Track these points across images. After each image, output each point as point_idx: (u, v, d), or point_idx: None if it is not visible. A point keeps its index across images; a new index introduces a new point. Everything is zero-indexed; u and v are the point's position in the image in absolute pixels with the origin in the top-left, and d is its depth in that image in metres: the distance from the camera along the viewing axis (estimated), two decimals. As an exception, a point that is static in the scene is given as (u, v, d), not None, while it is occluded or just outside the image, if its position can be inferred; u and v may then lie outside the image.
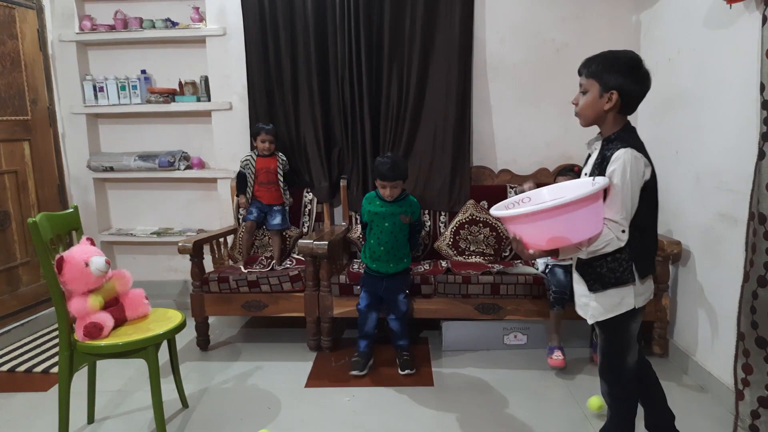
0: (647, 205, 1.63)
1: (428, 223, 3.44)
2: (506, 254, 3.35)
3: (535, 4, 3.37)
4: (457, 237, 3.31)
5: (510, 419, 2.34)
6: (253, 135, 3.37)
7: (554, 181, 2.95)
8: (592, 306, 1.72)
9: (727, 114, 2.37)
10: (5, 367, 2.93)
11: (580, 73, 1.68)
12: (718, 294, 2.47)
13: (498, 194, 3.36)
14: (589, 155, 1.78)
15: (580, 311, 1.80)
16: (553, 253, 1.60)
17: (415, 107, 3.38)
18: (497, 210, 1.63)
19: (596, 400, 2.34)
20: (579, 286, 1.77)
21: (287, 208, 3.40)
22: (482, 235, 3.29)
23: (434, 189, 3.42)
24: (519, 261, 3.25)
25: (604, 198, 1.58)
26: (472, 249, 3.30)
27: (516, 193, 3.19)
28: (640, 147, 1.60)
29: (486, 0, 3.37)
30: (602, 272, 1.65)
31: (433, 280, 2.93)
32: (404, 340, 2.87)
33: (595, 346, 2.80)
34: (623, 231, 1.57)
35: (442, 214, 3.44)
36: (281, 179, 3.33)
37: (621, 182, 1.55)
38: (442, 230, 3.41)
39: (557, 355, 2.76)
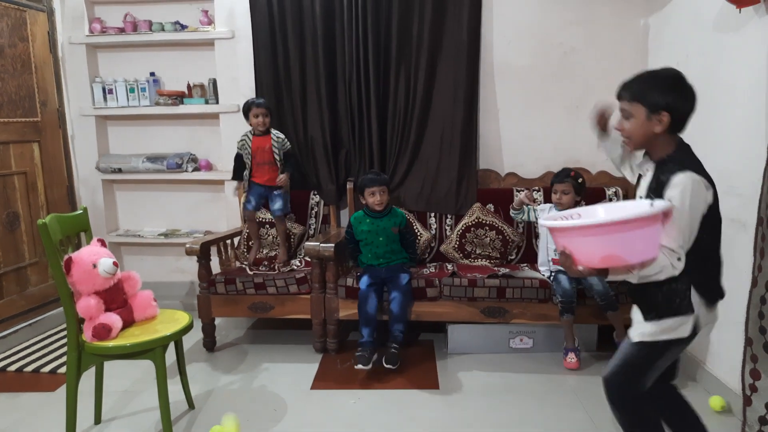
0: (711, 228, 1.52)
1: (434, 226, 3.44)
2: (512, 257, 3.34)
3: (542, 7, 3.37)
4: (464, 240, 3.31)
5: (516, 423, 2.34)
6: (245, 113, 3.17)
7: (551, 187, 2.94)
8: (641, 328, 1.61)
9: (735, 118, 2.36)
10: (13, 367, 2.95)
11: (620, 97, 1.59)
12: (726, 299, 2.44)
13: (505, 197, 3.36)
14: (640, 176, 1.69)
15: (632, 329, 1.68)
16: (603, 272, 1.49)
17: (422, 110, 3.39)
18: (548, 222, 1.54)
19: (717, 400, 2.35)
20: (636, 313, 1.67)
21: (287, 190, 3.27)
22: (488, 239, 3.29)
23: (441, 192, 3.42)
24: (525, 265, 3.25)
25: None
26: (478, 252, 3.29)
27: (514, 207, 3.15)
28: (699, 168, 1.50)
29: (494, 3, 3.38)
30: (657, 301, 1.55)
31: (439, 283, 2.92)
32: (400, 325, 2.81)
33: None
34: (678, 259, 1.46)
35: (449, 217, 3.44)
36: (277, 158, 3.19)
37: (680, 209, 1.45)
38: (448, 233, 3.41)
39: (571, 358, 2.78)
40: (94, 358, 2.13)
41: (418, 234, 3.35)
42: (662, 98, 1.51)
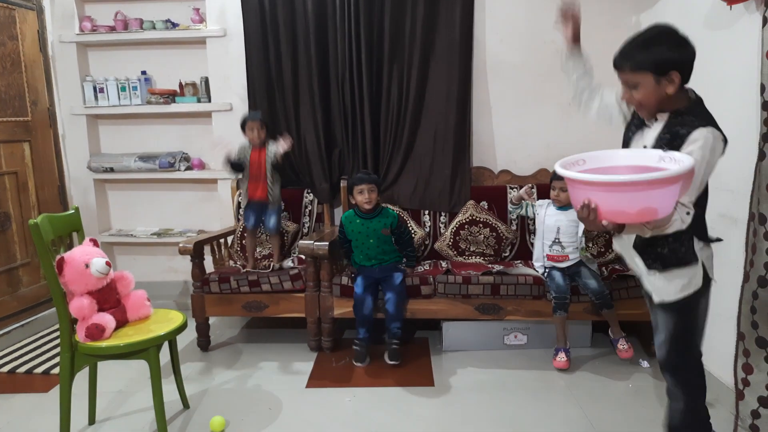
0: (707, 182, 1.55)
1: (428, 224, 3.44)
2: (506, 254, 3.35)
3: (534, 5, 3.37)
4: (458, 237, 3.32)
5: (510, 419, 2.35)
6: (242, 127, 3.12)
7: (550, 184, 2.94)
8: (658, 286, 1.62)
9: (727, 115, 2.36)
10: (6, 368, 2.93)
11: (618, 67, 1.55)
12: (718, 294, 2.44)
13: (498, 195, 3.37)
14: (643, 127, 1.65)
15: (647, 285, 1.69)
16: (620, 227, 1.48)
17: (415, 108, 3.39)
18: (584, 175, 1.44)
19: None
20: (640, 266, 1.67)
21: (281, 206, 3.26)
22: (482, 236, 3.29)
23: (435, 190, 3.42)
24: (519, 261, 3.26)
25: None
26: (472, 249, 3.30)
27: (512, 201, 3.16)
28: (715, 122, 1.49)
29: (486, 1, 3.38)
30: (663, 252, 1.57)
31: (433, 281, 2.93)
32: (398, 323, 2.86)
33: (616, 341, 2.80)
34: (688, 213, 1.46)
35: (443, 214, 3.44)
36: (269, 174, 3.11)
37: (699, 164, 1.43)
38: (442, 231, 3.42)
39: (561, 357, 2.78)
40: (88, 359, 2.11)
41: (413, 232, 3.35)
42: (670, 57, 1.47)
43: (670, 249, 1.55)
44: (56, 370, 2.84)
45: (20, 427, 2.38)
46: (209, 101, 3.67)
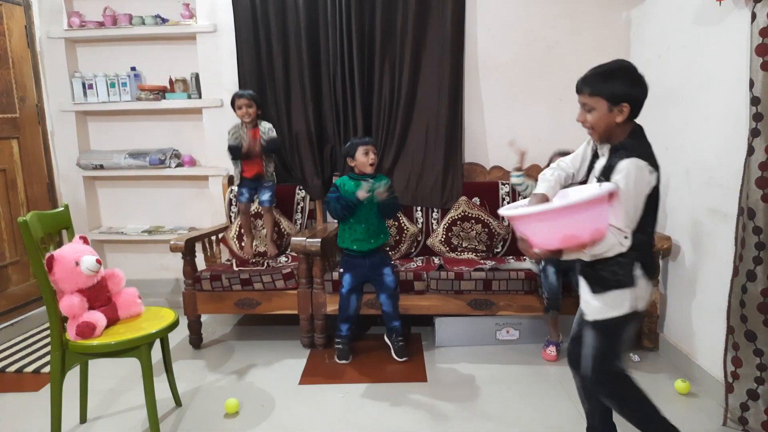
0: (652, 209, 1.65)
1: (421, 220, 3.45)
2: (498, 250, 3.36)
3: (526, 1, 3.37)
4: (450, 233, 3.32)
5: (503, 414, 2.36)
6: (232, 105, 3.10)
7: (550, 161, 2.91)
8: (592, 304, 1.74)
9: (716, 110, 2.39)
10: (-5, 368, 2.91)
11: (579, 90, 1.69)
12: (707, 288, 2.50)
13: (490, 190, 3.38)
14: (599, 158, 1.77)
15: (582, 307, 1.82)
16: (557, 253, 1.64)
17: (407, 104, 3.39)
18: (507, 210, 1.66)
19: (680, 383, 2.45)
20: (583, 288, 1.80)
21: (275, 182, 3.26)
22: (474, 232, 3.30)
23: (427, 186, 3.42)
24: (511, 257, 3.27)
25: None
26: (464, 245, 3.31)
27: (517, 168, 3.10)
28: (645, 153, 1.62)
29: (477, -3, 3.38)
30: (604, 275, 1.68)
31: (426, 277, 2.93)
32: (397, 321, 2.89)
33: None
34: (626, 237, 1.60)
35: (435, 210, 3.45)
36: (264, 152, 3.14)
37: (625, 192, 1.57)
38: (434, 227, 3.42)
39: (551, 350, 2.83)
40: (79, 357, 2.10)
41: (405, 228, 3.35)
42: (623, 90, 1.62)
43: (610, 271, 1.67)
44: (47, 369, 2.82)
45: (11, 426, 2.36)
46: (200, 97, 3.65)
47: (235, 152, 3.08)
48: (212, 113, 3.63)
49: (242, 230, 3.30)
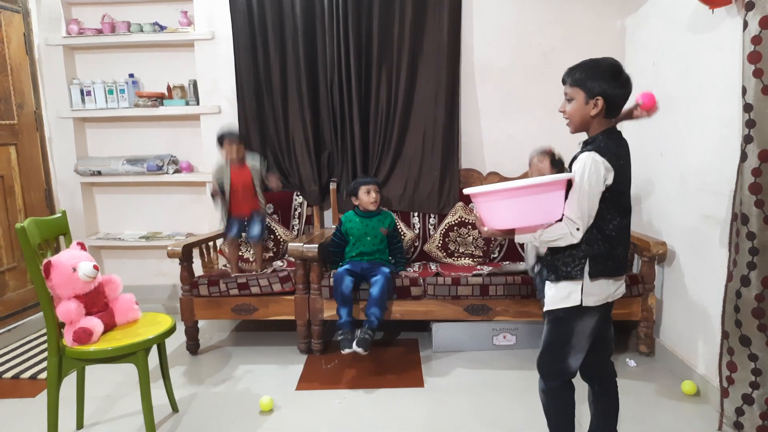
0: (614, 211, 1.65)
1: (418, 226, 3.46)
2: (495, 255, 3.38)
3: (521, 9, 3.40)
4: (447, 239, 3.33)
5: (500, 420, 2.36)
6: (219, 142, 3.12)
7: (529, 164, 2.91)
8: (548, 294, 1.77)
9: (710, 116, 2.41)
10: (-8, 374, 2.90)
11: (564, 81, 1.72)
12: (702, 293, 2.51)
13: (486, 196, 3.39)
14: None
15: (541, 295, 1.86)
16: (509, 233, 1.70)
17: (404, 111, 3.41)
18: (471, 189, 1.69)
19: (689, 384, 2.47)
20: (543, 273, 1.85)
21: (265, 215, 3.28)
22: (471, 237, 3.31)
23: (424, 192, 3.44)
24: (507, 263, 3.28)
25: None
26: (461, 251, 3.32)
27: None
28: (607, 151, 1.62)
29: (473, 4, 3.41)
30: (557, 264, 1.71)
31: (423, 282, 2.94)
32: (377, 310, 2.78)
33: None
34: (577, 229, 1.61)
35: (432, 216, 3.46)
36: (258, 190, 3.19)
37: (579, 183, 1.60)
38: (431, 232, 3.43)
39: None
40: (76, 363, 2.10)
41: (402, 233, 3.36)
42: (600, 85, 1.64)
43: (563, 262, 1.70)
44: (43, 375, 2.81)
45: (7, 432, 2.36)
46: (197, 104, 3.66)
47: (216, 198, 3.15)
48: (210, 120, 3.64)
49: (229, 264, 3.24)
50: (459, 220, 3.33)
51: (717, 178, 2.34)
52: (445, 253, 3.34)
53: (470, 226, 3.32)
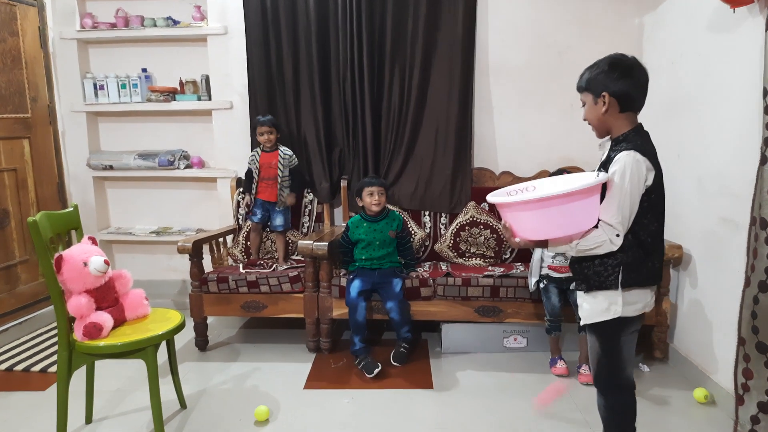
0: (651, 215, 1.57)
1: (429, 225, 3.43)
2: (506, 257, 3.34)
3: (537, 7, 3.36)
4: (458, 239, 3.31)
5: (509, 422, 2.34)
6: (253, 129, 3.33)
7: None
8: (584, 307, 1.70)
9: (729, 118, 2.37)
10: (3, 366, 2.92)
11: (579, 90, 1.69)
12: (718, 298, 2.47)
13: (499, 196, 3.36)
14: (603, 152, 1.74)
15: (579, 311, 1.77)
16: (542, 243, 1.60)
17: (416, 108, 3.38)
18: (494, 196, 1.62)
19: (701, 391, 2.43)
20: (579, 296, 1.75)
21: (288, 207, 3.33)
22: (483, 237, 3.28)
23: (435, 190, 3.41)
24: (519, 264, 3.24)
25: (602, 197, 1.55)
26: (472, 251, 3.29)
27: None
28: (646, 150, 1.54)
29: (489, 1, 3.37)
30: (588, 273, 1.63)
31: (433, 283, 2.92)
32: (407, 327, 2.86)
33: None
34: (617, 235, 1.52)
35: (443, 215, 3.43)
36: (280, 175, 3.21)
37: (619, 185, 1.50)
38: (442, 232, 3.41)
39: (561, 365, 2.77)
40: (85, 357, 2.10)
41: (413, 233, 3.34)
42: (602, 81, 1.59)
43: (594, 271, 1.61)
44: (53, 369, 2.83)
45: (17, 425, 2.36)
46: (210, 99, 3.66)
47: (248, 177, 3.30)
48: (222, 115, 3.64)
49: (251, 249, 3.33)
50: (470, 219, 3.30)
51: (735, 180, 2.29)
52: (455, 253, 3.31)
53: (482, 226, 3.29)
